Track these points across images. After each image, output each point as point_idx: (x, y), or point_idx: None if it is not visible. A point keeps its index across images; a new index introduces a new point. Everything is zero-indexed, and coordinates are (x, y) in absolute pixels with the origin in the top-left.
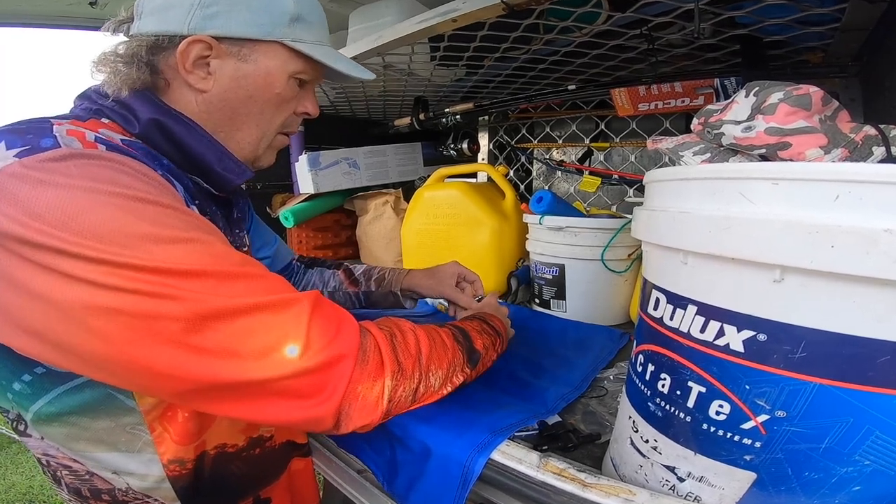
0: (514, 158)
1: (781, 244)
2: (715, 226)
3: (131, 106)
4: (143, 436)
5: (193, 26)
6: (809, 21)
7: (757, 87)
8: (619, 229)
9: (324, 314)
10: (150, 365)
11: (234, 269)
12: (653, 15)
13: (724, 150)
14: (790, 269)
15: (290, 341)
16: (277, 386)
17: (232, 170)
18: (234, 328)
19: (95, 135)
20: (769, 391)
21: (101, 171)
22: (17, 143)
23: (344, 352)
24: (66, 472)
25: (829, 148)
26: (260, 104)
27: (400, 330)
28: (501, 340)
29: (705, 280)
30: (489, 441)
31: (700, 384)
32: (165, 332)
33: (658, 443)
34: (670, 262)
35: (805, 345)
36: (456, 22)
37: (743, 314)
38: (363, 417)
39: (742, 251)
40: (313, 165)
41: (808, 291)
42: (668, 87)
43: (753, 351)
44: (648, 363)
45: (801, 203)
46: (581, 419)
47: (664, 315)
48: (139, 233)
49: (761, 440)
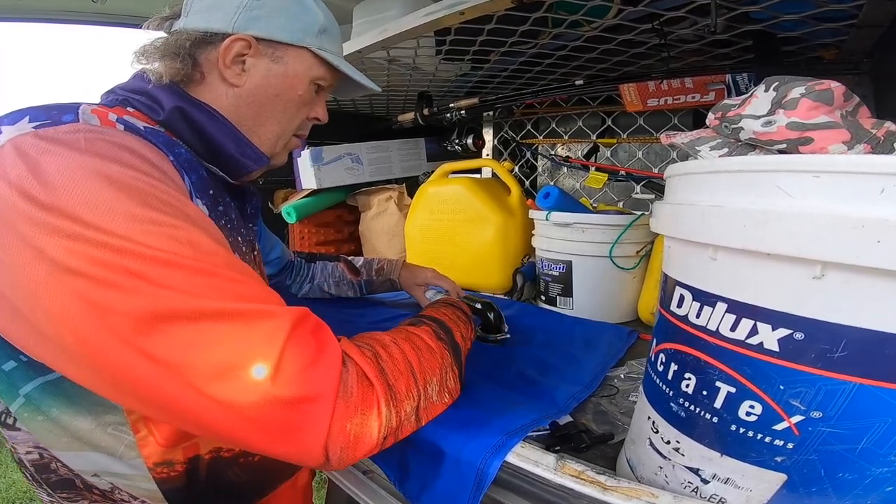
0: (519, 154)
1: (824, 239)
2: (750, 220)
3: (156, 96)
4: (126, 437)
5: (238, 26)
6: (825, 17)
7: (777, 82)
8: (627, 225)
9: (304, 337)
10: (99, 361)
11: (211, 266)
12: (665, 9)
13: (741, 144)
14: (832, 265)
15: (258, 360)
16: (240, 413)
17: (250, 156)
18: (190, 334)
19: (118, 116)
20: (805, 391)
21: (108, 148)
22: (40, 117)
23: (322, 389)
24: (59, 464)
25: (851, 143)
26: (284, 103)
27: (382, 346)
28: (471, 328)
29: (737, 276)
30: (503, 443)
31: (729, 384)
32: (116, 325)
33: (681, 444)
34: (697, 257)
35: (846, 343)
36: (464, 15)
37: (779, 312)
38: (360, 454)
39: (780, 246)
40: (316, 161)
41: (851, 288)
42: (678, 83)
43: (789, 350)
44: (671, 362)
45: (845, 196)
46: (592, 419)
47: (689, 313)
48: (123, 210)
49: (794, 441)
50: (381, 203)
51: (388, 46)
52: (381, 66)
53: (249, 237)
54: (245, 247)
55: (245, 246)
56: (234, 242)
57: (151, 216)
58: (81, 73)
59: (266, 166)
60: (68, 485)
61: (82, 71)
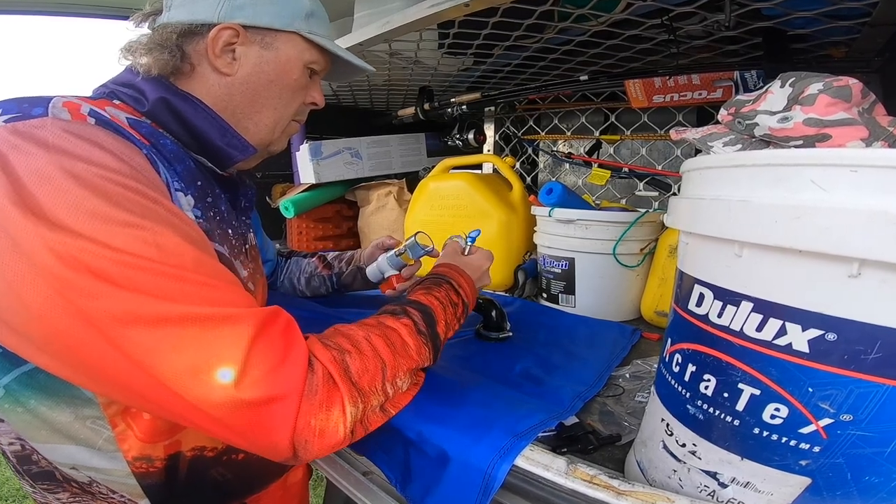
0: (521, 150)
1: (862, 236)
2: (782, 215)
3: (142, 88)
4: (105, 431)
5: (223, 15)
6: (838, 15)
7: (793, 78)
8: (632, 223)
9: (272, 338)
10: (73, 355)
11: (177, 268)
12: (675, 4)
13: (755, 141)
14: (870, 262)
15: (223, 364)
16: (207, 413)
17: (235, 146)
18: (154, 338)
19: (91, 108)
20: (835, 394)
21: (76, 145)
22: (11, 109)
23: (286, 389)
24: (40, 456)
25: (869, 141)
26: (279, 88)
27: (353, 343)
28: (465, 310)
29: (764, 274)
30: (512, 445)
31: (753, 386)
32: (87, 322)
33: (697, 447)
34: (720, 254)
35: (881, 345)
36: (469, 7)
37: (810, 311)
38: (325, 448)
39: (815, 243)
40: (315, 155)
41: (890, 287)
42: (685, 79)
43: (820, 351)
44: (688, 363)
45: (885, 191)
46: (599, 419)
47: (710, 312)
48: (89, 208)
49: (821, 444)
50: (380, 198)
51: (391, 39)
52: (382, 59)
53: (241, 230)
54: (235, 239)
55: (235, 239)
56: (223, 235)
57: (117, 216)
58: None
59: (254, 156)
60: (48, 476)
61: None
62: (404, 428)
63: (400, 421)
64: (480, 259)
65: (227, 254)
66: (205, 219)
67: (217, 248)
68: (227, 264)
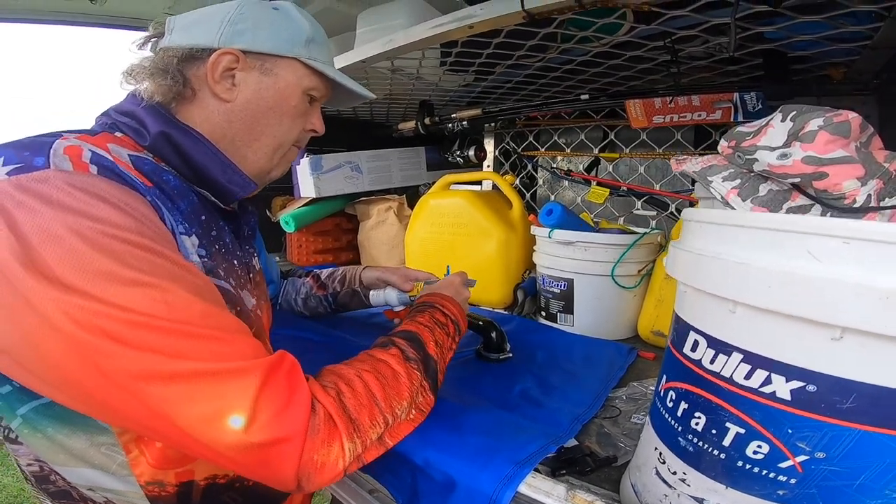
0: (520, 165)
1: (848, 307)
2: (775, 281)
3: (144, 120)
4: (119, 457)
5: (224, 41)
6: (839, 38)
7: (794, 112)
8: (630, 245)
9: (276, 386)
10: (91, 400)
11: (185, 325)
12: (678, 28)
13: (754, 175)
14: (852, 329)
15: (233, 412)
16: (220, 453)
17: (237, 182)
18: (169, 392)
19: (93, 153)
20: (811, 435)
21: (80, 200)
22: (13, 159)
23: (292, 431)
24: (58, 476)
25: (865, 179)
26: (278, 115)
27: (346, 382)
28: (456, 325)
29: (755, 330)
30: (515, 473)
31: (739, 426)
32: (104, 375)
33: (687, 476)
34: (716, 308)
35: (855, 397)
36: (472, 28)
37: (794, 366)
38: (325, 480)
39: (804, 310)
40: (315, 169)
41: (868, 350)
42: (685, 100)
43: (801, 400)
44: (681, 401)
45: (873, 265)
46: (596, 441)
47: (703, 358)
48: (98, 269)
49: (797, 477)
50: (380, 213)
51: (393, 57)
52: (384, 75)
53: (245, 259)
54: (241, 269)
55: (241, 268)
56: (229, 267)
57: (126, 274)
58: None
59: (257, 189)
60: (67, 495)
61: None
62: (411, 453)
63: (407, 447)
64: (449, 279)
65: (234, 287)
66: (209, 256)
67: (223, 284)
68: (234, 298)
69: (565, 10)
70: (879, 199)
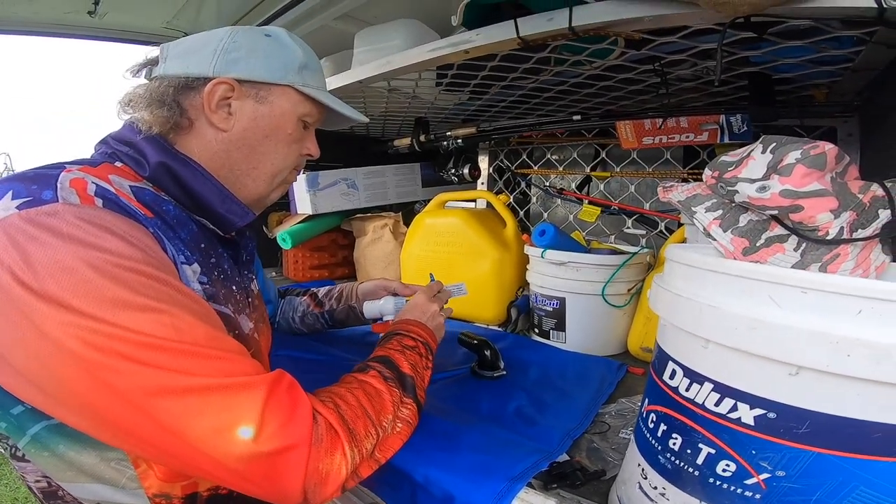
0: (513, 182)
1: (803, 349)
2: (742, 325)
3: (143, 150)
4: (128, 471)
5: (218, 69)
6: (823, 61)
7: (774, 143)
8: (619, 266)
9: (280, 398)
10: (105, 421)
11: (194, 346)
12: (667, 52)
13: (735, 206)
14: (807, 368)
15: (243, 423)
16: (229, 467)
17: (235, 212)
18: (182, 406)
19: (97, 185)
20: (772, 456)
21: (89, 233)
22: (22, 193)
23: (298, 439)
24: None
25: (838, 211)
26: (274, 143)
27: (340, 397)
28: (427, 347)
29: (724, 364)
30: (508, 489)
31: (710, 447)
32: (119, 396)
33: (667, 490)
34: (691, 343)
35: (810, 423)
36: (468, 53)
37: (757, 396)
38: (329, 492)
39: (765, 350)
40: (312, 186)
41: (820, 384)
42: (673, 122)
43: (763, 425)
44: (661, 423)
45: (826, 313)
46: (586, 455)
47: (680, 386)
48: (110, 297)
49: (761, 493)
50: (376, 230)
51: (390, 78)
52: (380, 93)
53: (244, 283)
54: (239, 294)
55: (239, 293)
56: (228, 293)
57: (137, 301)
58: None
59: (252, 219)
60: None
61: (81, 71)
62: (411, 470)
63: (407, 464)
64: (413, 301)
65: (233, 312)
66: (210, 282)
67: (223, 309)
68: (233, 323)
69: (559, 37)
70: (852, 231)
